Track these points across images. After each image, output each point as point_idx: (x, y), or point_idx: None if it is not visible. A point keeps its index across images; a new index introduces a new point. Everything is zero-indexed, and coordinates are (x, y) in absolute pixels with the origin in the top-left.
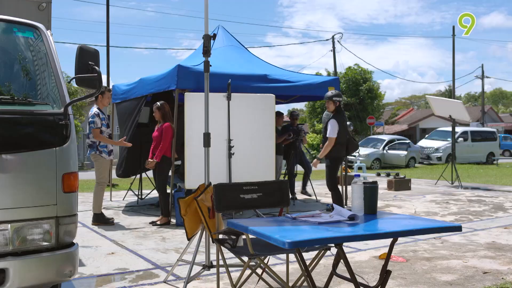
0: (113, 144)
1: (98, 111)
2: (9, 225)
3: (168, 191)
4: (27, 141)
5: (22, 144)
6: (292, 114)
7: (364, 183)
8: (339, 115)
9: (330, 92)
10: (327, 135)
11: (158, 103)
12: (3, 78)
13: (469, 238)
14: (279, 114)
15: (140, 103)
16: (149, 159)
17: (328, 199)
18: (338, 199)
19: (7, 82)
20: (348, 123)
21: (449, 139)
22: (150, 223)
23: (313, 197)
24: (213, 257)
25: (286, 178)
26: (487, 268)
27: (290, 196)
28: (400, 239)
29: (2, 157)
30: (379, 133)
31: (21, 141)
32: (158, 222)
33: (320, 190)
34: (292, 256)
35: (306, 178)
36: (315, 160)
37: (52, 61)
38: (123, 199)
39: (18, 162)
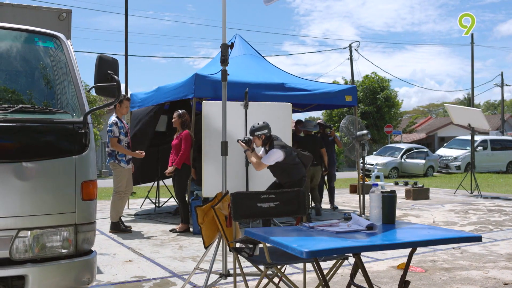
0: (129, 155)
1: (116, 119)
2: (29, 232)
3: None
4: (47, 149)
5: (42, 152)
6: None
7: (382, 192)
8: (278, 142)
9: (252, 125)
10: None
11: (180, 111)
12: (24, 87)
13: (489, 248)
14: (300, 122)
15: (151, 110)
16: (170, 167)
17: (346, 208)
18: None
19: (28, 91)
20: (365, 131)
21: (468, 147)
22: (170, 230)
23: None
24: (230, 265)
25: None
26: (508, 280)
27: (316, 204)
28: (419, 249)
29: (22, 164)
30: (397, 142)
31: (41, 149)
32: (178, 229)
33: (337, 199)
34: (309, 265)
35: (332, 192)
36: None
37: (72, 70)
38: (140, 207)
39: (38, 169)
